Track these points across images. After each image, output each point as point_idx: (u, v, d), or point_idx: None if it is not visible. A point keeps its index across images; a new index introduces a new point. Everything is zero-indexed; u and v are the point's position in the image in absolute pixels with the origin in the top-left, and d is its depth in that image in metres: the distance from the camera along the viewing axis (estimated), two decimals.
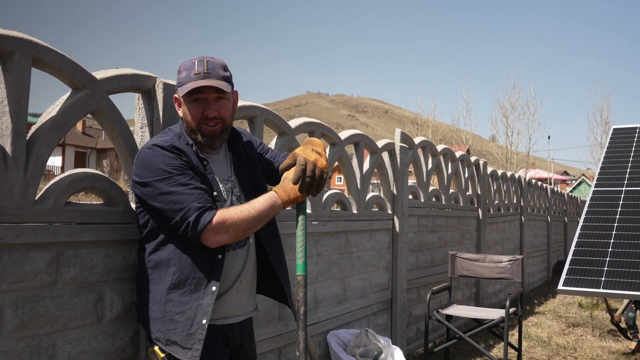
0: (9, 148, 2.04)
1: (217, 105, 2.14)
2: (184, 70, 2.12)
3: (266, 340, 3.41)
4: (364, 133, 4.69)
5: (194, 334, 2.06)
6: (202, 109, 2.12)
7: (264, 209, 2.05)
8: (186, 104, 2.14)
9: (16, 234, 2.05)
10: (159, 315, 2.11)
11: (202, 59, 2.12)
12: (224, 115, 2.17)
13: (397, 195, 5.22)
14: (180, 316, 2.08)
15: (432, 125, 30.34)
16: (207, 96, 2.12)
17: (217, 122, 2.15)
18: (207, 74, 2.09)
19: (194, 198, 1.99)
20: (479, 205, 7.70)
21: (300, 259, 2.11)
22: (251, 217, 2.03)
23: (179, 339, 2.07)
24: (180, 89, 2.12)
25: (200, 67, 2.09)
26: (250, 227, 2.05)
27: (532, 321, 7.60)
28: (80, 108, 2.31)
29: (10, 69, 2.04)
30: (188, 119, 2.15)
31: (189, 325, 2.07)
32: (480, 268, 5.56)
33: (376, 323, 4.89)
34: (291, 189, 2.09)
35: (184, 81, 2.10)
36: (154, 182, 2.02)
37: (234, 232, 2.01)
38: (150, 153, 2.07)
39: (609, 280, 3.54)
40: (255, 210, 2.04)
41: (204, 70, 2.09)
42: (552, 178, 41.58)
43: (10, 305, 2.05)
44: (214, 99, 2.13)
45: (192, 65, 2.11)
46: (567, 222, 15.14)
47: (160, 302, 2.11)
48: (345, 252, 4.39)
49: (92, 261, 2.34)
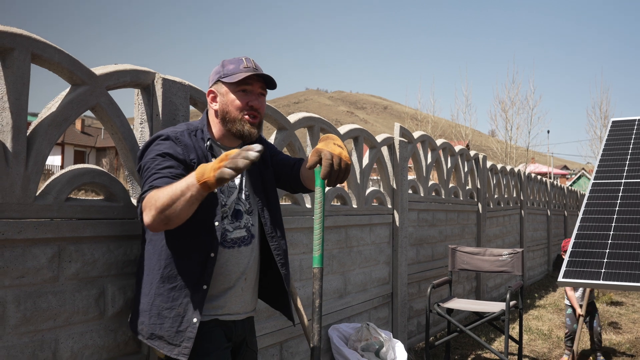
0: (9, 144, 2.05)
1: (260, 99, 2.24)
2: (229, 64, 2.22)
3: (268, 335, 3.43)
4: (363, 128, 4.69)
5: (183, 331, 2.07)
6: (247, 99, 2.20)
7: (178, 186, 1.84)
8: (232, 93, 2.20)
9: (18, 229, 2.06)
10: (146, 308, 2.12)
11: (247, 57, 2.24)
12: (263, 111, 2.27)
13: (396, 189, 5.23)
14: (169, 312, 2.09)
15: (432, 120, 30.34)
16: (254, 88, 2.21)
17: (257, 114, 2.23)
18: (255, 69, 2.20)
19: (152, 180, 1.99)
20: (479, 199, 7.72)
21: (317, 252, 2.09)
22: (165, 194, 1.85)
23: (166, 335, 2.08)
24: (228, 78, 2.19)
25: (248, 62, 2.22)
26: (166, 205, 1.83)
27: (533, 314, 7.62)
28: (80, 104, 2.31)
29: (9, 65, 2.05)
30: (229, 109, 2.20)
31: (178, 322, 2.08)
32: (480, 262, 5.57)
33: (377, 317, 4.91)
34: (208, 168, 1.78)
35: (232, 72, 2.19)
36: (143, 164, 2.09)
37: (154, 211, 1.86)
38: (149, 141, 2.15)
39: (609, 272, 3.55)
40: (171, 187, 1.86)
41: (252, 66, 2.21)
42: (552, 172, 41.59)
43: (13, 301, 2.06)
44: (259, 93, 2.23)
45: (240, 60, 2.22)
46: (567, 216, 15.16)
47: (148, 294, 2.12)
48: (345, 246, 4.40)
49: (93, 256, 2.35)
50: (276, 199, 2.45)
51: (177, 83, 2.72)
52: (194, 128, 2.22)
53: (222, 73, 2.22)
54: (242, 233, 2.23)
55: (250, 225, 2.27)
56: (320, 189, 2.09)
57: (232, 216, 2.21)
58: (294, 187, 2.49)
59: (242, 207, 2.26)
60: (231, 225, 2.20)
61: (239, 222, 2.23)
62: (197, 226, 2.08)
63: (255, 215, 2.31)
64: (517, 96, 27.87)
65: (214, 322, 2.16)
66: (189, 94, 2.80)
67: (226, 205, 2.20)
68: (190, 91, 2.81)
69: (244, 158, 1.72)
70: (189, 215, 1.88)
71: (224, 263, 2.18)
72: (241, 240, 2.22)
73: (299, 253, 3.76)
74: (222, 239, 2.17)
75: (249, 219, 2.27)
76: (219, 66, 2.25)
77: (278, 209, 2.44)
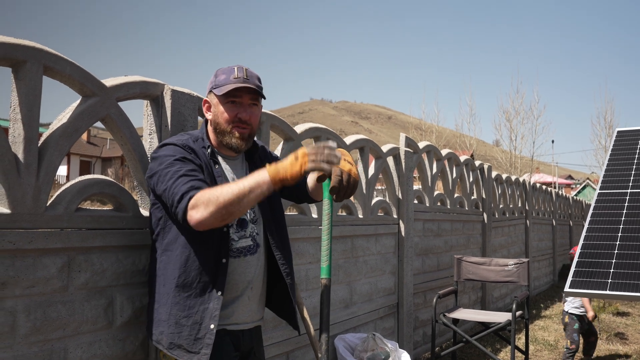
0: (21, 155, 2.08)
1: (250, 110, 2.22)
2: (221, 74, 2.21)
3: (274, 345, 3.43)
4: (369, 138, 4.71)
5: (202, 338, 2.08)
6: (236, 111, 2.19)
7: (246, 184, 1.93)
8: (221, 104, 2.20)
9: (28, 239, 2.08)
10: (164, 317, 2.13)
11: (240, 66, 2.22)
12: (254, 122, 2.25)
13: (402, 199, 5.23)
14: (186, 320, 2.10)
15: (436, 130, 30.36)
16: (243, 100, 2.20)
17: (247, 126, 2.22)
18: (246, 80, 2.19)
19: (186, 181, 2.01)
20: (484, 209, 7.71)
21: (325, 262, 2.09)
22: (231, 192, 1.91)
23: (185, 343, 2.09)
24: (217, 90, 2.19)
25: (239, 72, 2.19)
26: (230, 202, 1.91)
27: (539, 325, 7.59)
28: (91, 115, 2.34)
29: (22, 78, 2.07)
30: (219, 120, 2.21)
31: (196, 329, 2.09)
32: (486, 272, 5.56)
33: (383, 327, 4.90)
34: (283, 166, 1.95)
35: (222, 83, 2.18)
36: (160, 170, 2.08)
37: (213, 207, 1.91)
38: (162, 148, 2.16)
39: (616, 282, 3.54)
40: (237, 185, 1.94)
41: (244, 76, 2.19)
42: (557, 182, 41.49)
43: (23, 310, 2.08)
44: (249, 104, 2.21)
45: (232, 70, 2.20)
46: (572, 226, 15.11)
47: (166, 304, 2.13)
48: (351, 256, 4.41)
49: (102, 266, 2.37)
50: (280, 208, 2.47)
51: (185, 94, 2.74)
52: (195, 137, 2.25)
53: (214, 83, 2.22)
54: (248, 242, 2.24)
55: (255, 235, 2.28)
56: (328, 201, 2.11)
57: (238, 225, 2.23)
58: (300, 198, 2.52)
59: (247, 216, 2.27)
60: (237, 234, 2.21)
61: (244, 231, 2.24)
62: (210, 233, 2.10)
63: (260, 224, 2.32)
64: (521, 106, 27.89)
65: (223, 332, 2.17)
66: (197, 104, 2.82)
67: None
68: (199, 102, 2.84)
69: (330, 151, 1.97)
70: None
71: (231, 272, 2.19)
72: (247, 250, 2.23)
73: (305, 263, 3.77)
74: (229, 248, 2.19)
75: (254, 228, 2.29)
76: (213, 75, 2.25)
77: (282, 218, 2.46)
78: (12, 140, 2.09)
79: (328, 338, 2.06)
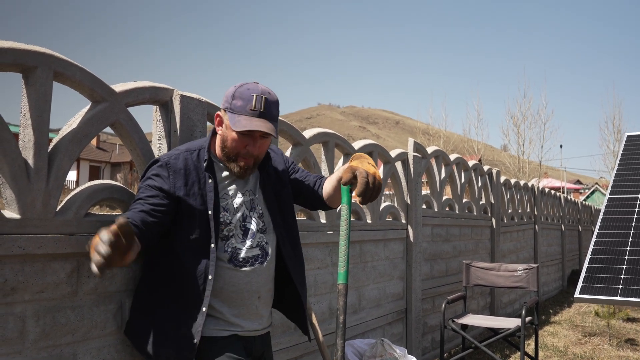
0: (31, 160, 2.08)
1: (260, 143, 2.17)
2: (239, 98, 2.12)
3: (283, 350, 3.42)
4: (377, 143, 4.71)
5: (185, 350, 2.09)
6: (246, 144, 2.15)
7: None
8: (232, 131, 2.15)
9: (38, 244, 2.08)
10: (150, 327, 2.14)
11: (261, 95, 2.11)
12: (262, 153, 2.23)
13: (410, 204, 5.22)
14: (175, 332, 2.12)
15: (444, 135, 30.32)
16: (254, 134, 2.15)
17: (252, 159, 2.20)
18: (262, 113, 2.10)
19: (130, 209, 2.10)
20: (493, 214, 7.68)
21: (342, 268, 2.10)
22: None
23: (171, 354, 2.11)
24: (232, 120, 2.11)
25: (257, 103, 2.09)
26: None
27: (548, 331, 7.54)
28: (100, 120, 2.34)
29: (32, 83, 2.08)
30: (227, 144, 2.18)
31: (184, 341, 2.10)
32: (495, 277, 5.54)
33: (391, 333, 4.88)
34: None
35: (238, 111, 2.10)
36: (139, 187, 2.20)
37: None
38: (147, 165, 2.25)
39: (627, 288, 3.52)
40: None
41: (260, 109, 2.10)
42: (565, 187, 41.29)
43: (33, 316, 2.08)
44: (260, 137, 2.16)
45: (250, 97, 2.11)
46: (581, 231, 15.03)
47: (153, 314, 2.15)
48: (360, 261, 4.40)
49: (111, 271, 2.37)
50: (293, 216, 2.46)
51: (194, 99, 2.75)
52: (196, 148, 2.24)
53: (230, 106, 2.13)
54: (256, 252, 2.23)
55: (264, 244, 2.27)
56: (347, 207, 2.13)
57: (242, 235, 2.22)
58: (314, 205, 2.50)
59: (255, 225, 2.25)
60: (242, 243, 2.20)
61: (251, 241, 2.23)
62: (195, 248, 2.12)
63: (270, 233, 2.31)
64: (528, 110, 27.83)
65: (234, 337, 2.17)
66: (206, 110, 2.83)
67: (231, 223, 2.20)
68: (208, 107, 2.84)
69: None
70: None
71: (237, 282, 2.18)
72: (254, 259, 2.22)
73: (314, 268, 3.76)
74: (234, 258, 2.18)
75: (263, 237, 2.27)
76: (231, 94, 2.15)
77: (295, 226, 2.45)
78: (22, 145, 2.10)
79: (344, 344, 2.06)
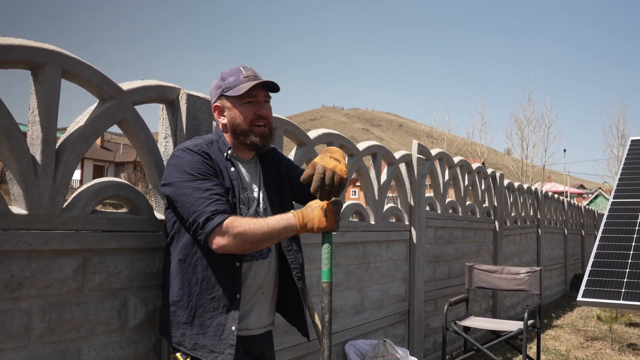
0: (39, 157, 2.10)
1: (267, 106, 2.24)
2: (229, 76, 2.21)
3: (285, 350, 3.43)
4: (382, 144, 4.72)
5: (225, 339, 2.10)
6: (254, 110, 2.20)
7: (276, 227, 2.04)
8: (237, 107, 2.20)
9: (44, 240, 2.10)
10: (186, 319, 2.13)
11: (245, 65, 2.23)
12: (271, 117, 2.27)
13: (414, 206, 5.23)
14: (211, 321, 2.11)
15: (447, 138, 30.30)
16: (258, 98, 2.21)
17: (264, 122, 2.23)
18: (255, 76, 2.20)
19: (210, 202, 2.01)
20: (496, 217, 7.68)
21: (325, 266, 2.10)
22: (261, 232, 2.01)
23: (209, 343, 2.10)
24: (231, 92, 2.18)
25: (247, 71, 2.20)
26: (257, 241, 2.02)
27: (550, 334, 7.53)
28: (107, 118, 2.36)
29: (41, 80, 2.10)
30: (238, 122, 2.20)
31: (220, 330, 2.11)
32: (497, 280, 5.54)
33: (393, 334, 4.89)
34: (310, 218, 2.08)
35: (234, 84, 2.18)
36: (178, 183, 2.07)
37: (240, 240, 1.99)
38: (180, 155, 2.13)
39: (630, 292, 3.52)
40: (268, 226, 2.02)
41: (252, 74, 2.20)
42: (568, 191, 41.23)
43: (38, 311, 2.10)
44: (264, 101, 2.23)
45: (238, 71, 2.21)
46: (584, 236, 15.00)
47: (188, 307, 2.14)
48: (363, 262, 4.40)
49: (116, 268, 2.39)
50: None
51: (200, 98, 2.76)
52: (209, 140, 2.24)
53: (224, 87, 2.21)
54: None
55: None
56: (328, 247, 2.15)
57: None
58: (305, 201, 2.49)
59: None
60: None
61: None
62: None
63: None
64: (533, 114, 27.78)
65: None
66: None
67: (246, 217, 2.21)
68: None
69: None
70: None
71: (244, 276, 2.20)
72: (258, 254, 2.23)
73: (316, 268, 3.77)
74: None
75: None
76: (219, 80, 2.24)
77: None
78: (30, 142, 2.12)
79: (330, 343, 2.06)
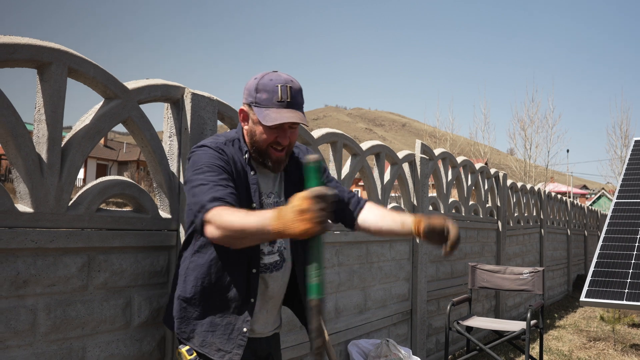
0: (44, 155, 2.11)
1: (289, 133, 2.09)
2: (263, 91, 2.03)
3: (289, 349, 3.44)
4: (385, 144, 4.72)
5: (234, 339, 2.09)
6: (275, 135, 2.06)
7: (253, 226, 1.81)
8: (261, 124, 2.06)
9: (50, 238, 2.11)
10: (197, 316, 2.13)
11: (285, 84, 2.03)
12: (293, 143, 2.14)
13: (417, 206, 5.23)
14: (221, 319, 2.11)
15: (450, 138, 30.26)
16: (284, 125, 2.06)
17: (283, 149, 2.11)
18: (290, 103, 2.03)
19: (209, 189, 1.93)
20: (499, 217, 7.68)
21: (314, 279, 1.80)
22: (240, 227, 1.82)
23: (218, 342, 2.10)
24: (260, 114, 2.03)
25: (283, 94, 2.01)
26: (237, 236, 1.84)
27: (553, 335, 7.53)
28: (113, 117, 2.37)
29: (47, 79, 2.11)
30: (256, 138, 2.09)
31: (230, 329, 2.10)
32: (500, 280, 5.54)
33: (396, 334, 4.89)
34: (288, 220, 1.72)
35: (265, 105, 2.02)
36: (192, 176, 2.00)
37: (223, 232, 1.85)
38: (198, 153, 2.06)
39: (633, 292, 3.52)
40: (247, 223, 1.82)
41: (287, 99, 2.02)
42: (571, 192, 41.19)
43: (44, 309, 2.11)
44: (289, 127, 2.08)
45: (275, 88, 2.02)
46: (587, 236, 14.99)
47: (200, 304, 2.13)
48: (366, 262, 4.41)
49: (121, 267, 2.40)
50: None
51: (205, 98, 2.77)
52: (231, 138, 2.16)
53: (254, 100, 2.05)
54: (275, 258, 2.20)
55: (283, 249, 2.24)
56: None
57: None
58: (340, 220, 2.38)
59: None
60: (266, 248, 2.18)
61: (272, 247, 2.20)
62: None
63: (287, 239, 2.29)
64: (536, 115, 27.68)
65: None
66: (217, 108, 2.85)
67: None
68: (218, 106, 2.86)
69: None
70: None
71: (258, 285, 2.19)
72: (273, 266, 2.20)
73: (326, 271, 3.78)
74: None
75: (282, 242, 2.24)
76: (253, 88, 2.06)
77: None
78: (36, 140, 2.13)
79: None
